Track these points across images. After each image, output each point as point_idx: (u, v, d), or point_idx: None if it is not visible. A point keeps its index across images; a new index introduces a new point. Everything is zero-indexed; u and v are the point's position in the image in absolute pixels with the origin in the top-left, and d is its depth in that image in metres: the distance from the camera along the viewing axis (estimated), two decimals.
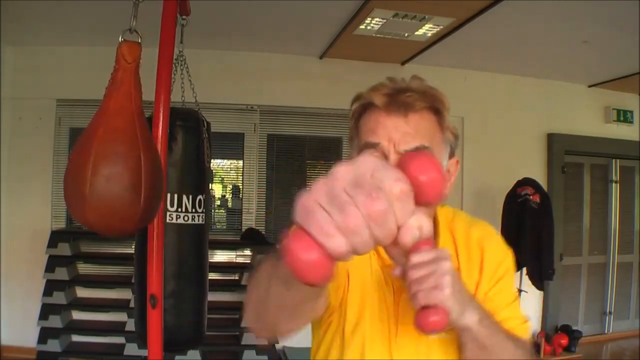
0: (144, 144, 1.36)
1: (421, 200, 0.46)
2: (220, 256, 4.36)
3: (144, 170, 1.33)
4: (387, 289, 0.89)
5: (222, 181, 4.84)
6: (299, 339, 0.97)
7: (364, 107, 0.86)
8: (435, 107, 0.84)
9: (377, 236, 0.42)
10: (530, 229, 4.01)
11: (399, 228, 0.43)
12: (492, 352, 0.76)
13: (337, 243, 0.41)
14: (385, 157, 0.80)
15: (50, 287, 3.82)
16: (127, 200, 1.32)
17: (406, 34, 3.67)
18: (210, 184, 2.84)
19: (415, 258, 0.66)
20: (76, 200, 1.32)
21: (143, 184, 1.33)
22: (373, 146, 0.81)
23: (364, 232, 0.41)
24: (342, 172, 0.42)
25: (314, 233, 0.42)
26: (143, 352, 1.95)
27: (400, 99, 0.81)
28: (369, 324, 0.88)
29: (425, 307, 0.68)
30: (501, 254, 0.93)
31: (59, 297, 3.80)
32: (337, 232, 0.41)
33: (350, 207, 0.40)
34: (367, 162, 0.43)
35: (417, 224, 0.46)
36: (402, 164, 0.47)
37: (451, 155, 0.89)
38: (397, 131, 0.80)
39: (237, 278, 4.18)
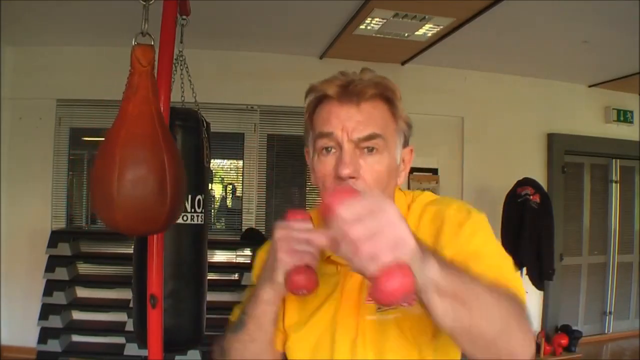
0: (167, 147, 1.40)
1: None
2: (219, 256, 4.36)
3: (168, 173, 1.38)
4: (333, 279, 0.87)
5: (222, 181, 4.84)
6: None
7: (318, 99, 0.87)
8: (387, 95, 0.85)
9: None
10: (530, 229, 4.01)
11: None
12: (471, 304, 0.61)
13: (315, 261, 0.76)
14: (339, 145, 0.80)
15: (50, 287, 3.82)
16: (154, 202, 1.37)
17: (406, 34, 3.67)
18: (209, 184, 2.84)
19: (347, 209, 0.56)
20: (104, 204, 1.36)
21: (168, 186, 1.38)
22: (327, 135, 0.81)
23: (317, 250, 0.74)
24: (284, 231, 0.75)
25: (307, 262, 0.74)
26: (143, 352, 1.95)
27: (352, 88, 0.82)
28: (316, 316, 0.87)
29: (381, 273, 0.54)
30: (460, 217, 0.82)
31: (59, 297, 3.80)
32: (312, 256, 0.76)
33: (308, 240, 0.70)
34: (288, 226, 0.76)
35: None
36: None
37: (405, 144, 0.89)
38: (350, 120, 0.81)
39: (236, 278, 4.18)
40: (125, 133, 1.36)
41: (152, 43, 1.42)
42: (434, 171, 4.58)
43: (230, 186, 4.82)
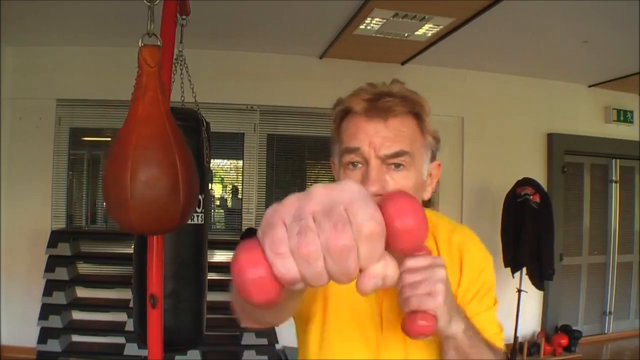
0: (178, 147, 1.42)
1: (395, 247, 0.41)
2: (219, 256, 4.36)
3: (180, 172, 1.39)
4: None
5: (221, 181, 4.84)
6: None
7: (344, 111, 0.86)
8: (416, 111, 0.84)
9: (331, 272, 0.38)
10: (530, 229, 4.01)
11: (361, 270, 0.39)
12: (473, 357, 0.77)
13: (286, 266, 0.38)
14: (366, 161, 0.80)
15: (50, 287, 3.82)
16: (168, 202, 1.39)
17: (406, 34, 3.67)
18: (209, 184, 2.84)
19: (411, 263, 0.69)
20: (118, 206, 1.38)
21: (181, 185, 1.40)
22: (354, 151, 0.81)
23: (317, 263, 0.38)
24: (319, 194, 0.40)
25: (266, 248, 0.39)
26: (143, 352, 1.95)
27: (380, 104, 0.81)
28: (352, 323, 0.87)
29: (414, 312, 0.69)
30: (482, 261, 0.92)
31: (59, 297, 3.80)
32: (290, 254, 0.38)
33: (310, 234, 0.38)
34: (347, 190, 0.40)
35: (382, 272, 0.40)
36: (381, 204, 0.42)
37: (432, 159, 0.90)
38: (378, 136, 0.81)
39: None
40: (136, 136, 1.37)
41: (159, 44, 1.43)
42: None
43: (230, 186, 4.82)
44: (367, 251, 0.38)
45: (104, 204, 1.48)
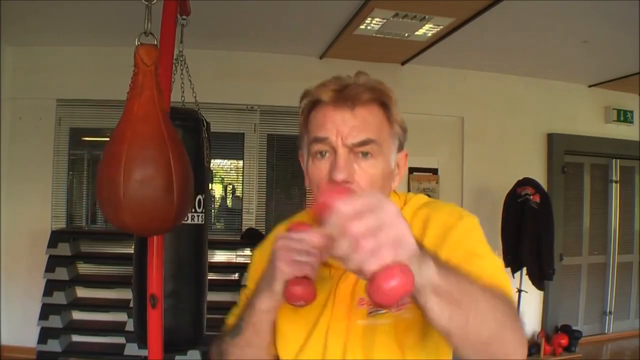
0: (173, 147, 1.41)
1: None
2: (219, 256, 4.36)
3: (174, 172, 1.39)
4: (327, 281, 0.86)
5: (222, 181, 4.84)
6: None
7: (312, 103, 0.86)
8: (382, 100, 0.85)
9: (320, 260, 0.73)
10: (530, 229, 4.01)
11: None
12: (467, 305, 0.62)
13: (314, 273, 0.73)
14: (334, 150, 0.80)
15: (50, 287, 3.82)
16: (162, 201, 1.38)
17: (406, 34, 3.67)
18: (210, 184, 2.84)
19: (347, 206, 0.56)
20: (112, 205, 1.37)
21: (175, 185, 1.39)
22: (322, 140, 0.81)
23: (318, 261, 0.73)
24: (285, 241, 0.73)
25: (307, 274, 0.72)
26: (143, 352, 1.95)
27: (346, 92, 0.82)
28: (311, 318, 0.86)
29: (380, 273, 0.53)
30: (447, 219, 0.83)
31: (59, 297, 3.80)
32: (312, 267, 0.73)
33: (308, 252, 0.70)
34: (290, 236, 0.73)
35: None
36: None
37: (400, 148, 0.89)
38: (345, 125, 0.81)
39: (236, 278, 4.18)
40: (131, 133, 1.36)
41: (155, 43, 1.43)
42: (434, 171, 4.58)
43: (230, 186, 4.82)
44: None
45: (97, 203, 1.48)
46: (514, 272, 4.04)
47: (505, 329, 0.66)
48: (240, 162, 4.60)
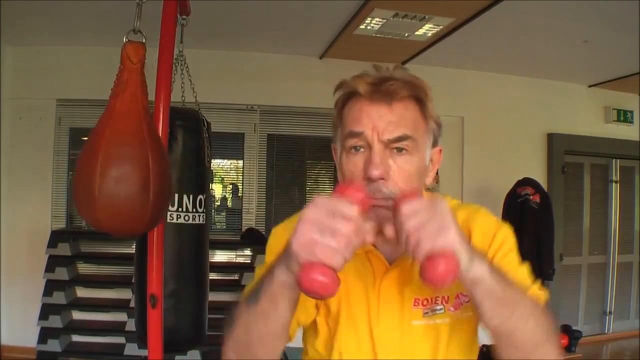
0: (152, 145, 1.38)
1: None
2: (220, 256, 4.36)
3: (152, 171, 1.35)
4: (368, 275, 0.86)
5: (222, 181, 4.84)
6: (300, 339, 0.97)
7: (347, 95, 0.85)
8: (418, 96, 0.84)
9: (355, 245, 0.62)
10: (530, 229, 4.01)
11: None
12: (513, 307, 0.69)
13: (339, 260, 0.61)
14: (369, 145, 0.80)
15: (50, 287, 3.82)
16: (137, 200, 1.34)
17: (406, 34, 3.67)
18: (210, 184, 2.84)
19: (408, 206, 0.65)
20: (86, 201, 1.34)
21: (152, 185, 1.35)
22: (357, 135, 0.80)
23: (350, 246, 0.61)
24: (313, 211, 0.62)
25: (323, 260, 0.60)
26: (143, 352, 1.95)
27: (384, 87, 0.81)
28: (350, 314, 0.86)
29: (429, 256, 0.61)
30: (492, 225, 0.88)
31: (59, 297, 3.80)
32: (336, 253, 0.60)
33: (338, 233, 0.60)
34: (324, 202, 0.63)
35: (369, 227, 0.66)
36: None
37: (434, 144, 0.90)
38: (381, 120, 0.80)
39: (237, 278, 4.18)
40: (110, 130, 1.34)
41: (144, 40, 1.42)
42: None
43: (231, 186, 4.82)
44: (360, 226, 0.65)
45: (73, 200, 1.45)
46: None
47: (548, 341, 0.72)
48: (240, 162, 4.60)
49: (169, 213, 1.90)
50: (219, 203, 4.78)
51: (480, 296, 0.67)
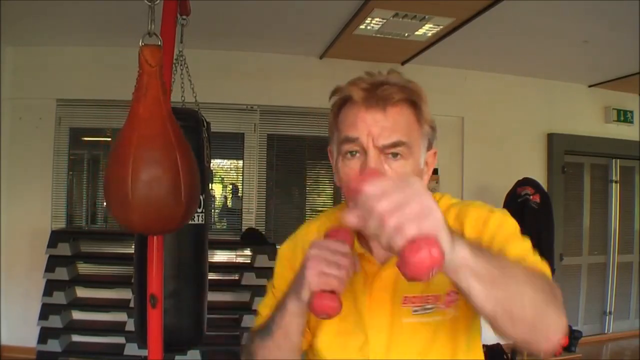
0: (179, 147, 1.42)
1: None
2: (220, 256, 4.36)
3: (181, 171, 1.40)
4: (359, 276, 0.86)
5: (222, 181, 4.84)
6: None
7: (343, 100, 0.86)
8: (413, 100, 0.85)
9: (350, 274, 0.76)
10: (530, 229, 4.00)
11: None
12: (505, 284, 0.63)
13: (342, 287, 0.74)
14: (365, 151, 0.81)
15: (50, 287, 3.82)
16: (170, 202, 1.39)
17: (406, 34, 3.67)
18: (210, 184, 2.84)
19: (372, 187, 0.57)
20: (119, 204, 1.39)
21: (182, 184, 1.40)
22: (352, 140, 0.82)
23: (348, 275, 0.75)
24: (318, 251, 0.75)
25: (332, 287, 0.73)
26: (143, 352, 1.95)
27: (378, 92, 0.81)
28: (342, 314, 0.85)
29: (411, 246, 0.53)
30: (483, 214, 0.85)
31: (59, 297, 3.80)
32: (341, 281, 0.74)
33: (340, 266, 0.74)
34: (325, 244, 0.76)
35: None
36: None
37: (429, 147, 0.91)
38: (376, 126, 0.81)
39: (237, 278, 4.18)
40: (137, 135, 1.37)
41: (160, 43, 1.42)
42: (434, 171, 4.48)
43: (231, 186, 4.82)
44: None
45: (104, 203, 1.49)
46: None
47: (547, 307, 0.69)
48: (240, 162, 4.60)
49: None
50: (219, 203, 4.78)
51: (467, 282, 0.61)
